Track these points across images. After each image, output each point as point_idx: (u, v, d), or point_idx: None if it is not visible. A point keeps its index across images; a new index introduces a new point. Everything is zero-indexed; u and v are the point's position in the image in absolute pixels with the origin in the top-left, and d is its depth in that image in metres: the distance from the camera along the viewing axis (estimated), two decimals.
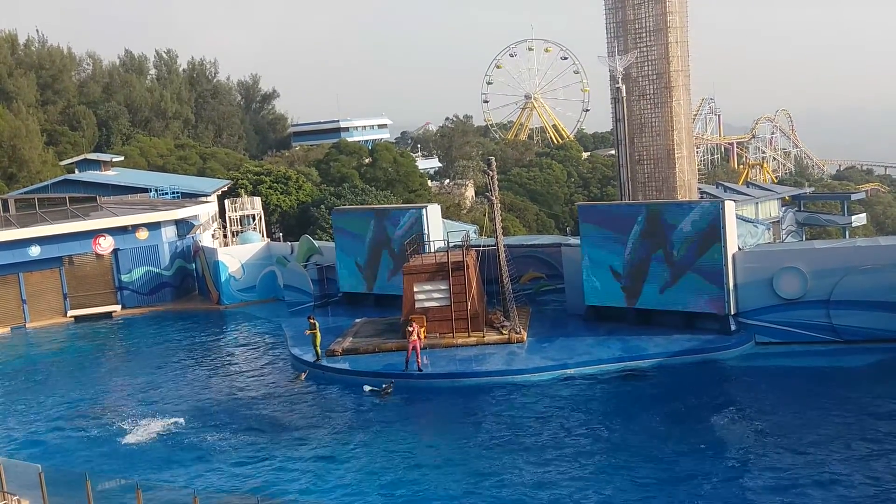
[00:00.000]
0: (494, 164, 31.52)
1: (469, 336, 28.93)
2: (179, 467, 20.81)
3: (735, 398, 23.52)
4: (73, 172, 60.95)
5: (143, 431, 23.56)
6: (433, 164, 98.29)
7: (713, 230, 27.03)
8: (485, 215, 33.55)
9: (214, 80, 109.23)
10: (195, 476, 20.06)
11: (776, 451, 19.06)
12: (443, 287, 29.25)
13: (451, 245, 31.62)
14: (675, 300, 28.02)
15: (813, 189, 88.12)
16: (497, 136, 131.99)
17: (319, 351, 28.70)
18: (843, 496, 16.73)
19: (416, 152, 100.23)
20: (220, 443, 22.35)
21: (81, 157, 64.98)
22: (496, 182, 31.19)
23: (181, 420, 24.35)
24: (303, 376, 28.11)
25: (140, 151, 76.69)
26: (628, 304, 29.12)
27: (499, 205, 31.27)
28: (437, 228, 34.77)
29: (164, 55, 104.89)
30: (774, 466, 18.30)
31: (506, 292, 30.11)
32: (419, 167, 76.99)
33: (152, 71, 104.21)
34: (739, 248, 27.63)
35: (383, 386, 25.71)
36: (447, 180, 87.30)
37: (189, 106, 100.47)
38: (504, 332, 29.09)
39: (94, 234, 42.69)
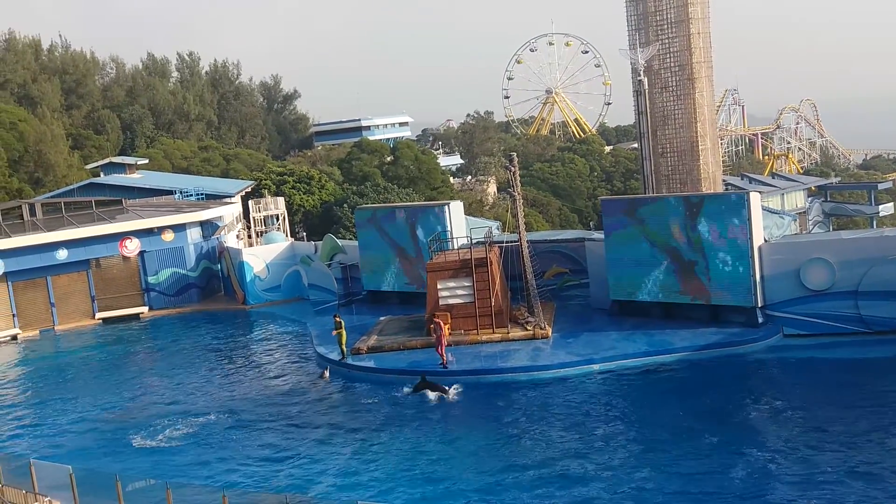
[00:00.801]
0: (516, 159, 31.42)
1: (493, 332, 28.87)
2: (208, 466, 20.98)
3: (764, 391, 23.27)
4: (99, 176, 61.72)
5: (172, 431, 23.78)
6: (455, 160, 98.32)
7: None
8: (507, 211, 33.45)
9: (236, 82, 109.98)
10: (223, 474, 20.21)
11: (808, 445, 18.82)
12: (466, 284, 29.22)
13: (474, 242, 31.56)
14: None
15: (839, 179, 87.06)
16: (518, 131, 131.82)
17: (345, 349, 28.80)
18: (879, 490, 16.47)
19: (438, 149, 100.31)
20: (248, 441, 22.52)
21: (106, 160, 65.75)
22: (518, 178, 31.09)
23: (209, 419, 24.57)
24: (326, 374, 28.20)
25: (164, 154, 77.45)
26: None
27: (521, 200, 31.18)
28: (459, 225, 34.73)
29: (187, 58, 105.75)
30: (807, 460, 18.08)
31: (530, 288, 30.02)
32: (441, 164, 77.10)
33: (175, 74, 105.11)
34: (765, 240, 27.33)
35: (445, 388, 24.64)
36: (469, 177, 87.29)
37: (212, 108, 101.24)
38: (528, 327, 29.01)
39: (121, 236, 43.05)
